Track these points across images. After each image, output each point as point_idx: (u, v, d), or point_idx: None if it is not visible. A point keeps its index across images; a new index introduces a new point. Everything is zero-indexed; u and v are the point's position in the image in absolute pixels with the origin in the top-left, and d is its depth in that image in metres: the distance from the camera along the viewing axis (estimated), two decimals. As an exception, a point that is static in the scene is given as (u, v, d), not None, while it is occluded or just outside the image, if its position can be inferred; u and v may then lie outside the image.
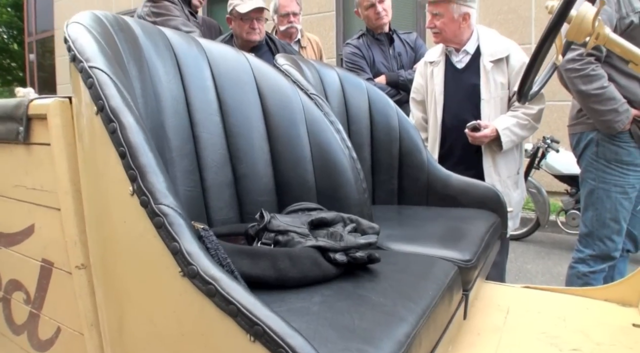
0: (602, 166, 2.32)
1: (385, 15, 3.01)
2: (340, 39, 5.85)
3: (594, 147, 2.33)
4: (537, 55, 1.31)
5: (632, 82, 2.20)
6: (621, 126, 2.20)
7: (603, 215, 2.36)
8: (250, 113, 1.36)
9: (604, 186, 2.34)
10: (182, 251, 0.72)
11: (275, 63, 1.73)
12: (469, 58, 2.51)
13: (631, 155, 2.27)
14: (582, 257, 2.47)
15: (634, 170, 2.30)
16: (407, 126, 2.11)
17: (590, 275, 2.45)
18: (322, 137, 1.40)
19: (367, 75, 3.02)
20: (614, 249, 2.39)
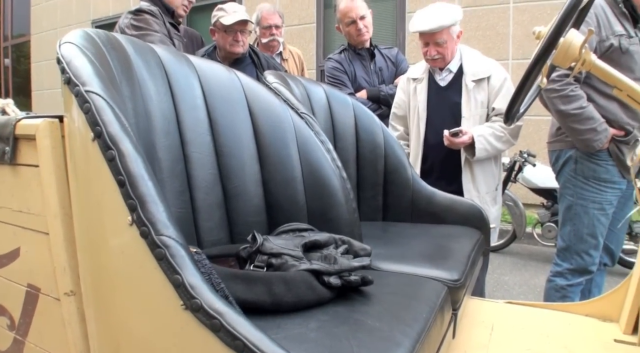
0: (581, 183, 2.36)
1: (367, 32, 3.03)
2: (320, 51, 5.87)
3: (572, 164, 2.37)
4: (525, 80, 1.33)
5: (611, 103, 2.25)
6: (600, 145, 2.24)
7: (581, 230, 2.40)
8: (241, 132, 1.35)
9: (581, 202, 2.37)
10: (184, 284, 0.70)
11: (265, 81, 1.72)
12: (452, 76, 2.54)
13: (609, 173, 2.31)
14: (560, 271, 2.50)
15: (612, 188, 2.34)
16: (392, 143, 2.12)
17: (568, 289, 2.48)
18: (312, 157, 1.39)
19: (348, 90, 3.03)
20: (591, 263, 2.43)
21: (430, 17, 2.41)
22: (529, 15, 4.95)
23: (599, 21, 2.23)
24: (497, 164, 2.56)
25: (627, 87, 1.42)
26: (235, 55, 2.91)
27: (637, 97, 1.42)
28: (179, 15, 2.80)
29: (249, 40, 3.09)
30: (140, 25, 2.44)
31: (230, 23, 2.81)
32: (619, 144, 2.26)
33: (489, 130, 2.39)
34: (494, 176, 2.53)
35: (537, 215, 4.63)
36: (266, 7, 3.56)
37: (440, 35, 2.41)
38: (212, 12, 2.96)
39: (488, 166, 2.50)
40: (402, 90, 2.68)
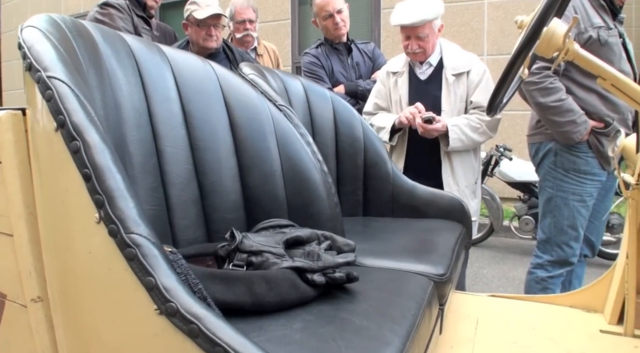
0: (560, 175, 2.35)
1: (344, 26, 2.98)
2: (295, 47, 5.79)
3: (552, 156, 2.36)
4: (509, 69, 1.29)
5: (590, 95, 2.24)
6: (579, 137, 2.23)
7: (561, 222, 2.39)
8: (216, 125, 1.28)
9: (562, 194, 2.37)
10: (158, 286, 0.64)
11: (241, 72, 1.66)
12: (432, 70, 2.52)
13: (589, 164, 2.30)
14: (540, 263, 2.50)
15: (591, 179, 2.33)
16: (372, 137, 2.07)
17: (549, 280, 2.48)
18: (292, 151, 1.34)
19: (325, 85, 2.98)
20: (571, 255, 2.42)
21: (413, 10, 2.36)
22: (503, 11, 4.95)
23: (578, 13, 2.22)
24: (476, 157, 2.54)
25: (611, 76, 1.39)
26: (209, 50, 2.83)
27: (621, 86, 1.39)
28: (149, 7, 2.71)
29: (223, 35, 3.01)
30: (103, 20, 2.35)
31: (204, 17, 2.73)
32: (598, 135, 2.26)
33: (464, 121, 2.37)
34: (474, 170, 2.51)
35: (514, 208, 4.64)
36: (240, 2, 3.49)
37: (423, 29, 2.38)
38: (185, 6, 2.88)
39: (468, 160, 2.48)
40: (383, 83, 2.64)
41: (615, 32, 2.23)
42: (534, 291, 2.49)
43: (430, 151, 2.45)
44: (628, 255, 1.65)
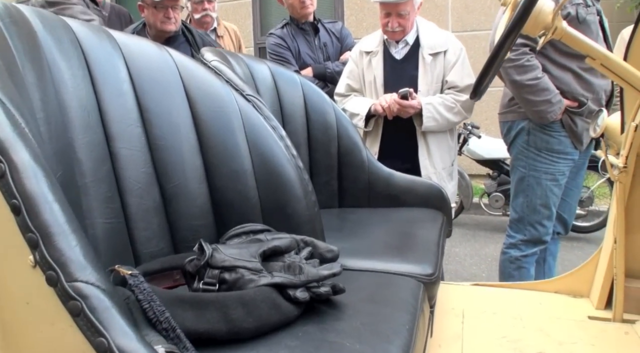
0: (533, 154, 2.30)
1: (311, 4, 2.82)
2: (257, 27, 5.57)
3: (525, 135, 2.30)
4: (497, 52, 1.18)
5: (565, 73, 2.17)
6: (554, 116, 2.18)
7: (534, 201, 2.35)
8: (178, 121, 1.13)
9: (534, 174, 2.32)
10: (111, 349, 0.50)
11: (202, 59, 1.50)
12: (408, 49, 2.42)
13: (561, 144, 2.25)
14: (513, 242, 2.46)
15: (564, 158, 2.29)
16: (345, 123, 1.94)
17: (523, 259, 2.45)
18: (264, 146, 1.20)
19: (293, 68, 2.82)
20: (544, 233, 2.39)
21: None
22: (467, -14, 4.86)
23: None
24: (452, 138, 2.45)
25: (600, 55, 1.29)
26: (167, 34, 2.63)
27: (611, 65, 1.30)
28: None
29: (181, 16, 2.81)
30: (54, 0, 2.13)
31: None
32: (572, 115, 2.20)
33: (439, 100, 2.29)
34: (450, 151, 2.43)
35: (484, 185, 4.60)
36: None
37: (405, 6, 2.28)
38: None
39: (444, 141, 2.39)
40: (356, 63, 2.52)
41: (593, 10, 2.15)
42: (508, 271, 2.47)
43: (406, 133, 2.35)
44: (616, 240, 1.59)
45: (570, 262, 3.67)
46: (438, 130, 2.34)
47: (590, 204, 4.20)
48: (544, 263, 2.62)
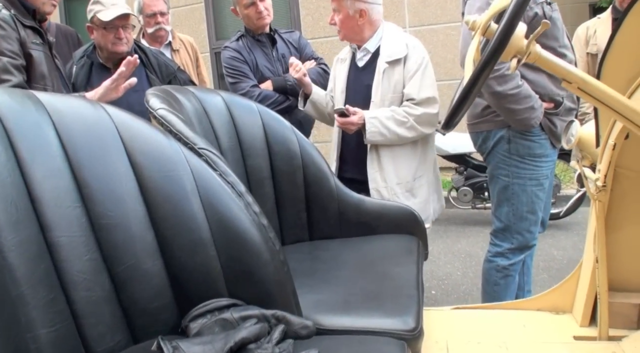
0: (516, 162, 2.21)
1: (268, 15, 2.68)
2: (212, 32, 5.37)
3: (505, 144, 2.20)
4: (472, 87, 1.08)
5: (539, 75, 2.09)
6: (537, 122, 2.11)
7: (520, 209, 2.27)
8: (122, 193, 1.00)
9: (518, 181, 2.23)
10: None
11: (148, 105, 1.36)
12: (369, 57, 2.33)
13: (542, 147, 2.18)
14: (500, 251, 2.38)
15: (546, 161, 2.22)
16: (310, 150, 1.83)
17: (510, 268, 2.39)
18: (222, 209, 1.07)
19: (251, 82, 2.68)
20: (532, 239, 2.33)
21: None
22: (423, -19, 4.78)
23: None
24: (415, 152, 2.32)
25: (577, 78, 1.21)
26: (119, 55, 2.46)
27: (588, 88, 1.22)
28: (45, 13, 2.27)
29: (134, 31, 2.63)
30: None
31: (110, 18, 2.34)
32: (550, 116, 2.14)
33: (387, 113, 2.18)
34: (410, 166, 2.29)
35: (451, 180, 4.57)
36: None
37: (334, 2, 2.25)
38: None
39: (401, 154, 2.26)
40: (333, 70, 2.50)
41: (556, 6, 2.09)
42: (494, 279, 2.39)
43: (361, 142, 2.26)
44: (598, 259, 1.54)
45: (543, 250, 3.68)
46: (389, 144, 2.23)
47: (558, 191, 4.21)
48: (524, 265, 2.58)
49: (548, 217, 2.61)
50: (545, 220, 2.57)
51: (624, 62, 1.37)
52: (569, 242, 3.72)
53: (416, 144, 2.31)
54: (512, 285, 2.40)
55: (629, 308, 1.56)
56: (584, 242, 1.71)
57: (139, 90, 2.40)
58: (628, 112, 1.22)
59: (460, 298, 3.15)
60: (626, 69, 1.38)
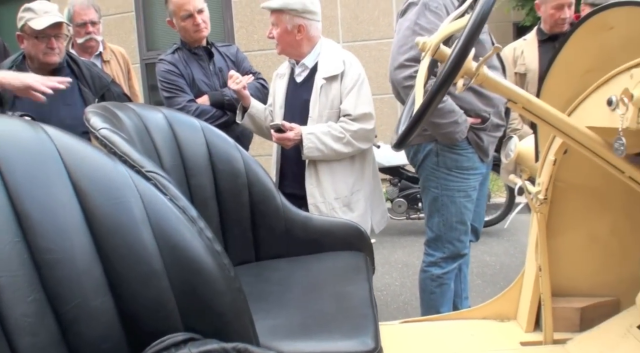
0: (444, 174, 2.29)
1: (205, 28, 2.61)
2: (142, 42, 5.18)
3: (434, 157, 2.28)
4: (426, 108, 1.08)
5: (466, 93, 2.16)
6: (462, 136, 2.19)
7: (450, 219, 2.35)
8: (67, 224, 0.92)
9: (447, 193, 2.32)
10: None
11: (88, 125, 1.27)
12: (307, 73, 2.34)
13: (470, 160, 2.27)
14: (433, 261, 2.46)
15: (474, 174, 2.31)
16: (255, 168, 1.78)
17: (444, 276, 2.46)
18: (174, 237, 1.01)
19: (188, 97, 2.60)
20: (463, 248, 2.41)
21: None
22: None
23: (448, 11, 2.14)
24: (353, 167, 2.34)
25: (522, 99, 1.25)
26: (51, 66, 2.31)
27: (533, 109, 1.26)
28: None
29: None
30: None
31: (42, 27, 2.20)
32: (477, 131, 2.22)
33: (324, 129, 2.19)
34: (348, 181, 2.31)
35: (386, 191, 4.63)
36: (79, 1, 2.95)
37: (272, 16, 2.26)
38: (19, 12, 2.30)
39: (339, 169, 2.28)
40: (272, 85, 2.48)
41: (486, 28, 2.16)
42: (430, 288, 2.45)
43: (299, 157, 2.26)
44: (541, 268, 1.59)
45: (475, 257, 3.79)
46: (327, 159, 2.24)
47: (488, 200, 4.38)
48: (460, 273, 2.66)
49: (482, 227, 2.70)
50: (479, 230, 2.67)
51: (564, 82, 1.43)
52: (501, 248, 3.86)
53: (354, 158, 2.33)
54: (448, 293, 2.46)
55: (571, 312, 1.63)
56: (515, 247, 1.79)
57: (71, 104, 2.28)
58: (570, 130, 1.27)
59: (400, 308, 3.18)
60: (566, 88, 1.45)
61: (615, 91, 1.24)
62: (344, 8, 4.85)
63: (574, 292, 1.67)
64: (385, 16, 4.79)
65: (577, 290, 1.67)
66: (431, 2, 2.13)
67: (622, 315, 1.55)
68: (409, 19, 2.16)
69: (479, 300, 3.04)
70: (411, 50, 2.12)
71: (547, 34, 2.78)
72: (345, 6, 4.85)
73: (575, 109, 1.43)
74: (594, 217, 1.65)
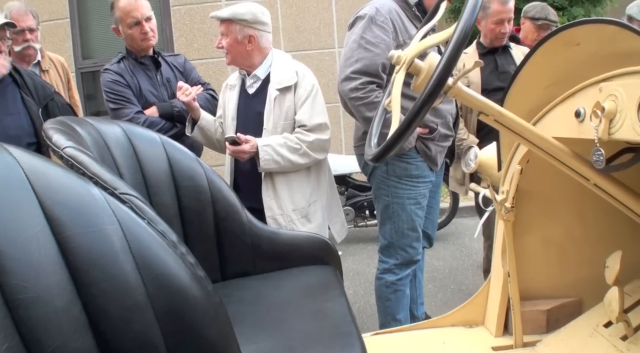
0: (394, 183, 2.32)
1: (153, 36, 2.49)
2: (78, 50, 4.89)
3: (384, 166, 2.31)
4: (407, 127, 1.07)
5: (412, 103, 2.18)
6: (409, 146, 2.24)
7: (401, 226, 2.38)
8: (40, 258, 0.81)
9: (398, 200, 2.35)
10: None
11: (50, 142, 1.15)
12: (259, 84, 2.28)
13: (419, 169, 2.30)
14: (387, 268, 2.49)
15: (423, 182, 2.35)
16: (219, 183, 1.70)
17: (399, 283, 2.49)
18: (158, 266, 0.92)
19: (135, 108, 2.47)
20: (415, 254, 2.44)
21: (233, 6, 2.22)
22: (296, 8, 4.80)
23: (395, 26, 2.20)
24: (309, 177, 2.30)
25: (494, 112, 1.25)
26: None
27: (504, 121, 1.26)
28: None
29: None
30: None
31: None
32: (425, 141, 2.26)
33: (280, 141, 2.15)
34: (305, 192, 2.27)
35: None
36: (16, 6, 2.76)
37: (222, 26, 2.21)
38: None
39: (296, 180, 2.24)
40: (222, 96, 2.41)
41: None
42: (385, 295, 2.47)
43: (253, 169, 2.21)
44: (510, 274, 1.61)
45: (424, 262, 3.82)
46: (283, 171, 2.20)
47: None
48: (415, 279, 2.69)
49: (434, 234, 2.74)
50: (432, 237, 2.72)
51: (528, 94, 1.46)
52: (448, 252, 3.93)
53: (310, 169, 2.30)
54: (403, 300, 2.48)
55: (537, 314, 1.66)
56: (461, 250, 1.81)
57: (14, 113, 2.12)
58: (540, 142, 1.29)
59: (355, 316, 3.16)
60: (529, 100, 1.47)
61: (582, 103, 1.27)
62: (285, 18, 4.80)
63: (538, 294, 1.70)
64: (325, 27, 4.79)
65: (541, 293, 1.70)
66: (377, 16, 2.15)
67: (587, 314, 1.59)
68: (356, 32, 2.18)
69: (432, 305, 3.09)
70: (357, 63, 2.13)
71: (487, 47, 2.86)
72: (286, 16, 4.80)
73: (540, 120, 1.45)
74: (550, 222, 1.69)
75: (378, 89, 2.15)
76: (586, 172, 1.33)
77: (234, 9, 2.20)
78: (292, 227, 2.16)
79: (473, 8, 1.03)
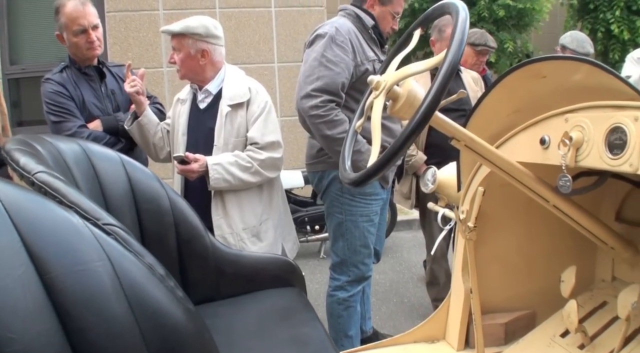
0: (348, 200, 2.31)
1: (99, 46, 2.33)
2: (5, 56, 4.47)
3: (338, 183, 2.30)
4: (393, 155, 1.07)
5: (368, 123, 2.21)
6: (364, 164, 2.22)
7: (354, 243, 2.38)
8: (25, 306, 0.71)
9: (351, 218, 2.35)
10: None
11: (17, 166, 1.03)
12: (211, 99, 2.20)
13: (372, 186, 2.31)
14: (339, 285, 2.48)
15: (376, 199, 2.36)
16: (181, 205, 1.60)
17: (350, 299, 2.49)
18: (150, 303, 0.84)
19: (79, 122, 2.30)
20: (367, 271, 2.44)
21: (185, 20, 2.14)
22: (235, 21, 4.70)
23: (354, 48, 2.21)
24: (261, 196, 2.23)
25: (466, 137, 1.27)
26: None
27: (475, 147, 1.29)
28: None
29: None
30: None
31: None
32: None
33: (231, 159, 2.07)
34: (256, 210, 2.20)
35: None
36: None
37: (174, 40, 2.15)
38: None
39: (247, 199, 2.17)
40: (172, 110, 2.30)
41: None
42: (337, 312, 2.45)
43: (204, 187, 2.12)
44: (472, 290, 1.62)
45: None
46: (234, 190, 2.13)
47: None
48: (363, 294, 2.68)
49: (382, 249, 2.77)
50: (380, 252, 2.75)
51: (490, 120, 1.49)
52: (387, 266, 3.96)
53: (262, 187, 2.24)
54: (354, 316, 2.47)
55: (496, 327, 1.69)
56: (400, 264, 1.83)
57: None
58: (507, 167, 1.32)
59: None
60: (491, 125, 1.51)
61: (548, 132, 1.31)
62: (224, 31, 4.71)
63: (495, 308, 1.74)
64: (265, 42, 4.73)
65: (497, 307, 1.74)
66: (337, 36, 2.15)
67: (543, 326, 1.64)
68: (316, 50, 2.16)
69: (377, 318, 3.09)
70: (318, 81, 2.12)
71: None
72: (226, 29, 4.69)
73: (502, 144, 1.49)
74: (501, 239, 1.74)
75: (337, 108, 2.14)
76: (547, 195, 1.37)
77: (186, 22, 2.12)
78: (242, 246, 2.09)
79: (460, 41, 1.03)
